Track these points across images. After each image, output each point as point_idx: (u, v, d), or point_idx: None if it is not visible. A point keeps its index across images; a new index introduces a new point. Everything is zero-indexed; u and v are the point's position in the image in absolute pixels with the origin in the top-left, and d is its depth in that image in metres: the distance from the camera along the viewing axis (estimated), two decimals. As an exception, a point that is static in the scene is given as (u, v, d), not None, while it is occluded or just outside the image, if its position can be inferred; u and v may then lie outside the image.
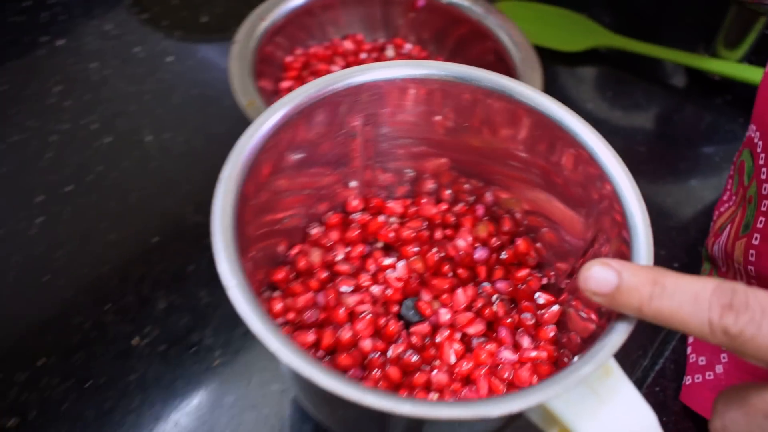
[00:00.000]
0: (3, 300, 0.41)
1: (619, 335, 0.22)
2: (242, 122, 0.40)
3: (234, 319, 0.41)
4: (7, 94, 0.53)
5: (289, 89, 0.47)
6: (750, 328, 0.20)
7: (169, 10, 0.61)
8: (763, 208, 0.32)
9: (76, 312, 0.41)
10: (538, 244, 0.34)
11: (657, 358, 0.40)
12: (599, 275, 0.23)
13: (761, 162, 0.32)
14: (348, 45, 0.50)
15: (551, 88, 0.57)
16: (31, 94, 0.53)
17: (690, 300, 0.21)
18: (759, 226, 0.32)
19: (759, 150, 0.33)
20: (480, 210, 0.35)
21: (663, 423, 0.38)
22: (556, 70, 0.59)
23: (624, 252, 0.25)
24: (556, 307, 0.31)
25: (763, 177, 0.32)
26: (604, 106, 0.57)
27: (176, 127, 0.51)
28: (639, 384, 0.39)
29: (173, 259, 0.44)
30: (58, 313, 0.41)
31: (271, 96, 0.45)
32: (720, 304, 0.21)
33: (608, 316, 0.24)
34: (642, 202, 0.26)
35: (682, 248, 0.46)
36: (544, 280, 0.33)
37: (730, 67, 0.57)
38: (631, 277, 0.22)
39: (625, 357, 0.40)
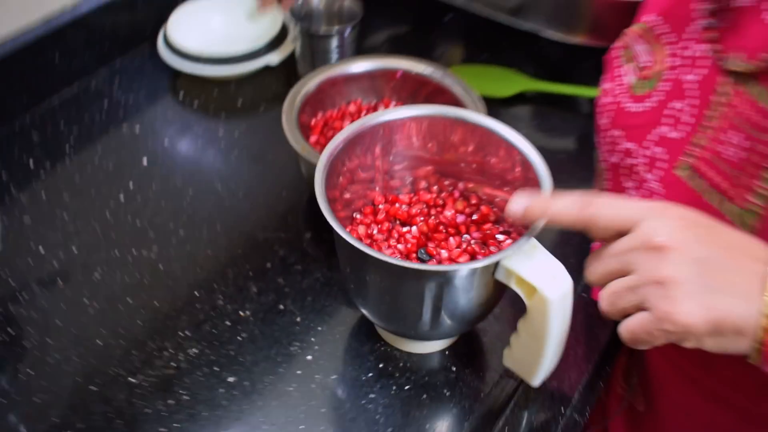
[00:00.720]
0: (145, 299, 0.61)
1: (533, 230, 0.44)
2: (283, 168, 0.62)
3: (304, 294, 0.61)
4: (108, 167, 0.74)
5: (316, 142, 0.68)
6: (594, 216, 0.41)
7: (211, 99, 0.83)
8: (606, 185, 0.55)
9: (197, 300, 0.61)
10: (495, 209, 0.55)
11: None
12: (515, 204, 0.44)
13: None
14: (352, 108, 0.72)
15: (495, 122, 0.79)
16: (125, 165, 0.74)
17: (567, 207, 0.42)
18: (605, 188, 0.55)
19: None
20: (456, 194, 0.57)
21: (589, 313, 0.59)
22: (497, 109, 0.82)
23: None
24: (509, 241, 0.52)
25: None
26: (531, 131, 0.80)
27: (237, 177, 0.73)
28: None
29: (255, 261, 0.64)
30: (185, 303, 0.61)
31: (306, 146, 0.67)
32: (579, 207, 0.42)
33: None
34: (543, 161, 0.48)
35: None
36: (502, 228, 0.54)
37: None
38: (534, 201, 0.44)
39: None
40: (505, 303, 0.53)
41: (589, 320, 0.59)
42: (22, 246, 0.65)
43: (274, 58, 0.84)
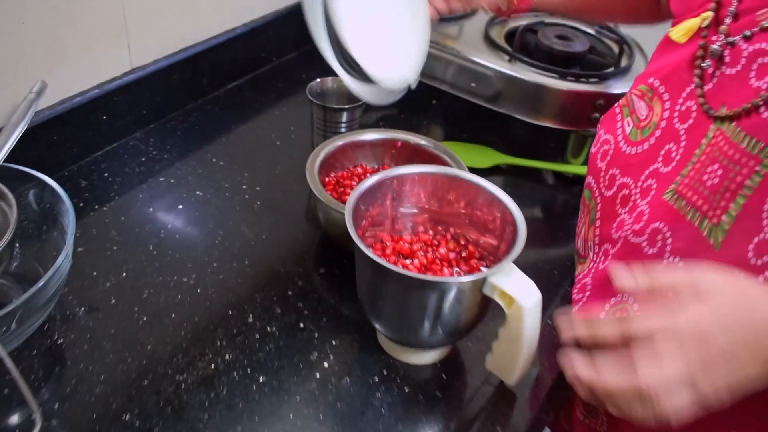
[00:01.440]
0: (186, 315, 0.73)
1: (512, 255, 0.58)
2: (298, 217, 0.77)
3: (320, 316, 0.74)
4: (149, 210, 0.87)
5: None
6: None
7: (235, 159, 0.97)
8: (597, 215, 0.69)
9: (231, 318, 0.73)
10: (479, 248, 0.70)
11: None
12: (622, 275, 0.55)
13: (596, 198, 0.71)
14: (359, 170, 0.87)
15: (474, 188, 0.95)
16: (163, 209, 0.87)
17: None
18: (597, 217, 0.69)
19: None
20: (448, 236, 0.72)
21: (552, 335, 0.73)
22: (476, 178, 0.98)
23: (513, 235, 0.62)
24: (491, 271, 0.67)
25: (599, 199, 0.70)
26: (506, 195, 0.96)
27: (261, 224, 0.86)
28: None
29: (278, 289, 0.77)
30: (220, 319, 0.73)
31: (323, 197, 0.81)
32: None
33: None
34: (520, 213, 0.63)
35: (549, 280, 0.83)
36: (484, 264, 0.69)
37: (577, 168, 0.98)
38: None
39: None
40: (483, 329, 0.67)
41: (552, 341, 0.73)
42: (77, 270, 0.77)
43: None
